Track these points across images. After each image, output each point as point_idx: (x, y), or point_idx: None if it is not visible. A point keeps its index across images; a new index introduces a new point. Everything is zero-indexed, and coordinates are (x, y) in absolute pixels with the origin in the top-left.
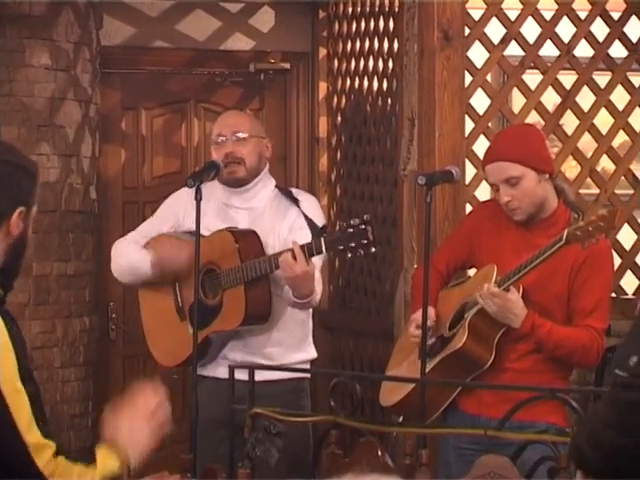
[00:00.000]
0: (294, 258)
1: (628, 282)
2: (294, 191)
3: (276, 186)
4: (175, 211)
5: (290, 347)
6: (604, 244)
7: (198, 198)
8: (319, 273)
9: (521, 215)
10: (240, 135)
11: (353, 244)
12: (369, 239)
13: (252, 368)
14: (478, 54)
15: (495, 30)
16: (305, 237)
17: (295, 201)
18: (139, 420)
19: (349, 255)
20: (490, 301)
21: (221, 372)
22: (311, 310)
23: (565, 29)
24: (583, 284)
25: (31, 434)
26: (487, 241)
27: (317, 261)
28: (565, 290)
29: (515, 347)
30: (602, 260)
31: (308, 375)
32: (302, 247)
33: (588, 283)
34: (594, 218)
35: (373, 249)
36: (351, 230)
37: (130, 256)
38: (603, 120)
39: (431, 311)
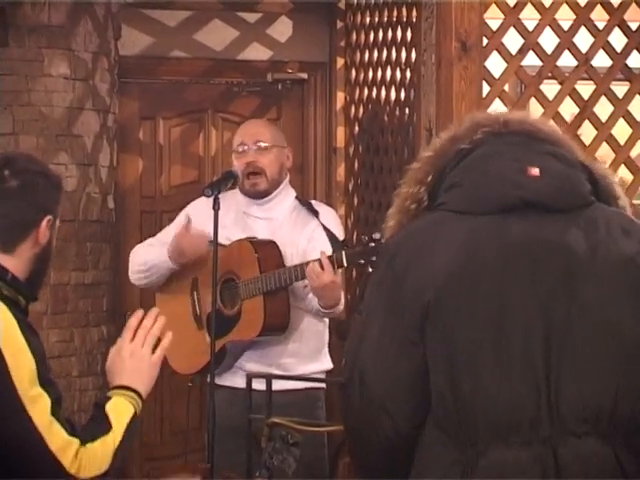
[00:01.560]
0: (321, 267)
1: None
2: (314, 203)
3: (296, 197)
4: (194, 219)
5: (306, 358)
6: None
7: (216, 208)
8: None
9: None
10: (262, 144)
11: (374, 258)
12: None
13: (270, 378)
14: (496, 64)
15: (513, 40)
16: (324, 248)
17: (315, 213)
18: (141, 350)
19: (370, 269)
20: None
21: (238, 381)
22: (327, 321)
23: (583, 39)
24: None
25: (53, 436)
26: None
27: (339, 274)
28: None
29: None
30: None
31: (324, 385)
32: (330, 257)
33: None
34: None
35: None
36: (373, 244)
37: (148, 253)
38: (621, 130)
39: None
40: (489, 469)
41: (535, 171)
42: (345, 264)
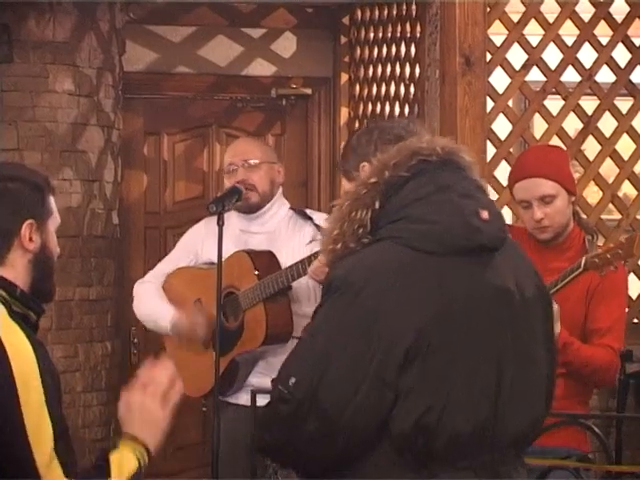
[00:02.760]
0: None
1: None
2: (308, 211)
3: (290, 208)
4: (193, 247)
5: None
6: (621, 270)
7: (220, 224)
8: None
9: (549, 234)
10: (251, 162)
11: None
12: None
13: None
14: (500, 79)
15: (517, 56)
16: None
17: (309, 218)
18: (151, 402)
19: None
20: None
21: (243, 399)
22: None
23: (587, 55)
24: (598, 306)
25: (50, 471)
26: None
27: None
28: (580, 315)
29: None
30: (617, 284)
31: None
32: None
33: (603, 305)
34: (612, 246)
35: None
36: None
37: (153, 308)
38: (625, 146)
39: None
40: None
41: (485, 214)
42: None
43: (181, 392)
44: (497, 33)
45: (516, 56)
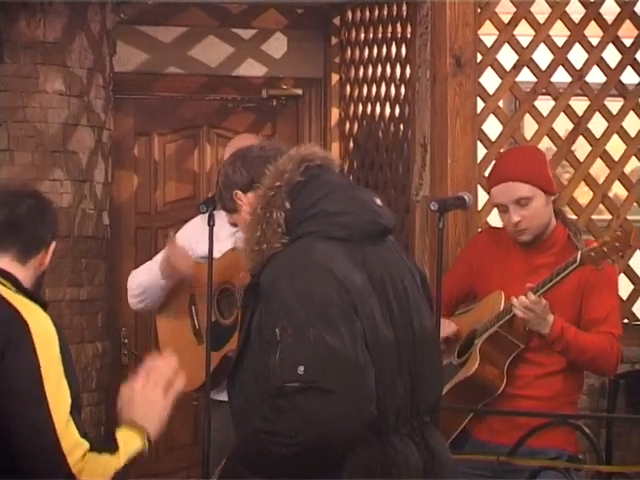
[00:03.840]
0: None
1: None
2: None
3: None
4: (187, 243)
5: None
6: (612, 267)
7: (211, 224)
8: None
9: (528, 236)
10: None
11: None
12: None
13: None
14: (490, 80)
15: (507, 56)
16: None
17: None
18: (153, 392)
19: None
20: (529, 310)
21: None
22: None
23: (577, 55)
24: (591, 297)
25: (67, 433)
26: (489, 269)
27: None
28: (572, 311)
29: (522, 374)
30: (608, 276)
31: None
32: None
33: (598, 296)
34: (608, 239)
35: None
36: None
37: (140, 275)
38: (615, 146)
39: (452, 324)
40: (396, 457)
41: (379, 201)
42: None
43: (183, 384)
44: (488, 34)
45: (507, 57)
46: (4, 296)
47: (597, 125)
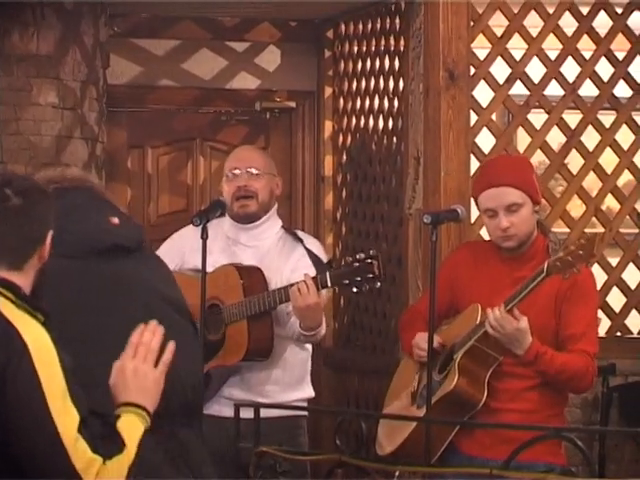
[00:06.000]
0: (306, 288)
1: (633, 321)
2: (299, 233)
3: (282, 226)
4: (180, 249)
5: (288, 386)
6: (586, 271)
7: (204, 237)
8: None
9: (514, 242)
10: (253, 171)
11: (359, 278)
12: (375, 273)
13: (257, 407)
14: (483, 93)
15: (500, 70)
16: (309, 272)
17: (300, 240)
18: (144, 366)
19: (355, 290)
20: (499, 326)
21: (223, 410)
22: (311, 349)
23: (570, 69)
24: (569, 311)
25: (78, 452)
26: (467, 283)
27: (322, 296)
28: (552, 322)
29: (507, 387)
30: (586, 286)
31: (306, 413)
32: (314, 278)
33: (575, 310)
34: (573, 248)
35: (379, 283)
36: (357, 264)
37: None
38: (608, 159)
39: (437, 338)
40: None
41: (115, 220)
42: (329, 284)
43: (171, 354)
44: (481, 47)
45: (500, 70)
46: (2, 312)
47: (590, 138)
